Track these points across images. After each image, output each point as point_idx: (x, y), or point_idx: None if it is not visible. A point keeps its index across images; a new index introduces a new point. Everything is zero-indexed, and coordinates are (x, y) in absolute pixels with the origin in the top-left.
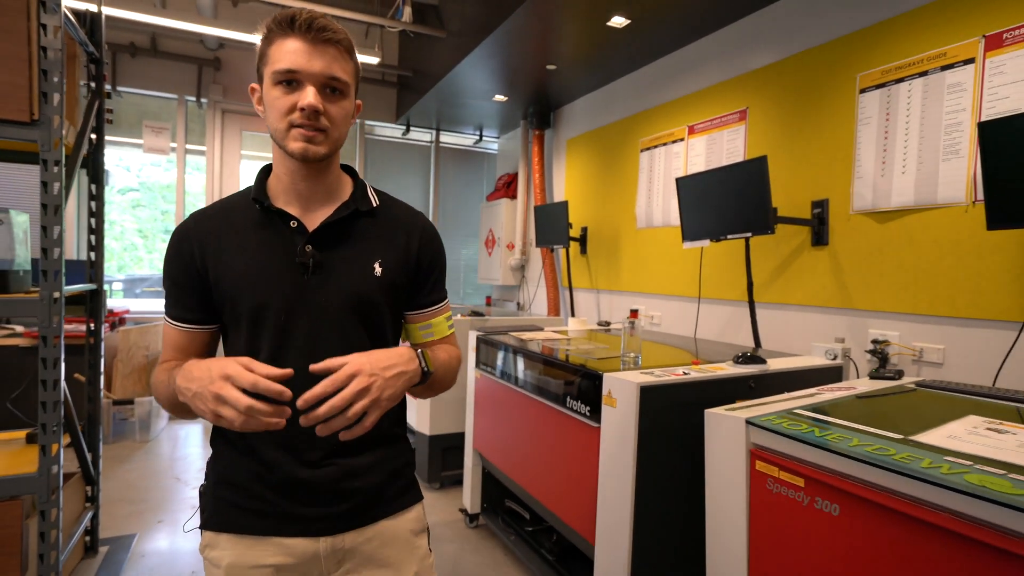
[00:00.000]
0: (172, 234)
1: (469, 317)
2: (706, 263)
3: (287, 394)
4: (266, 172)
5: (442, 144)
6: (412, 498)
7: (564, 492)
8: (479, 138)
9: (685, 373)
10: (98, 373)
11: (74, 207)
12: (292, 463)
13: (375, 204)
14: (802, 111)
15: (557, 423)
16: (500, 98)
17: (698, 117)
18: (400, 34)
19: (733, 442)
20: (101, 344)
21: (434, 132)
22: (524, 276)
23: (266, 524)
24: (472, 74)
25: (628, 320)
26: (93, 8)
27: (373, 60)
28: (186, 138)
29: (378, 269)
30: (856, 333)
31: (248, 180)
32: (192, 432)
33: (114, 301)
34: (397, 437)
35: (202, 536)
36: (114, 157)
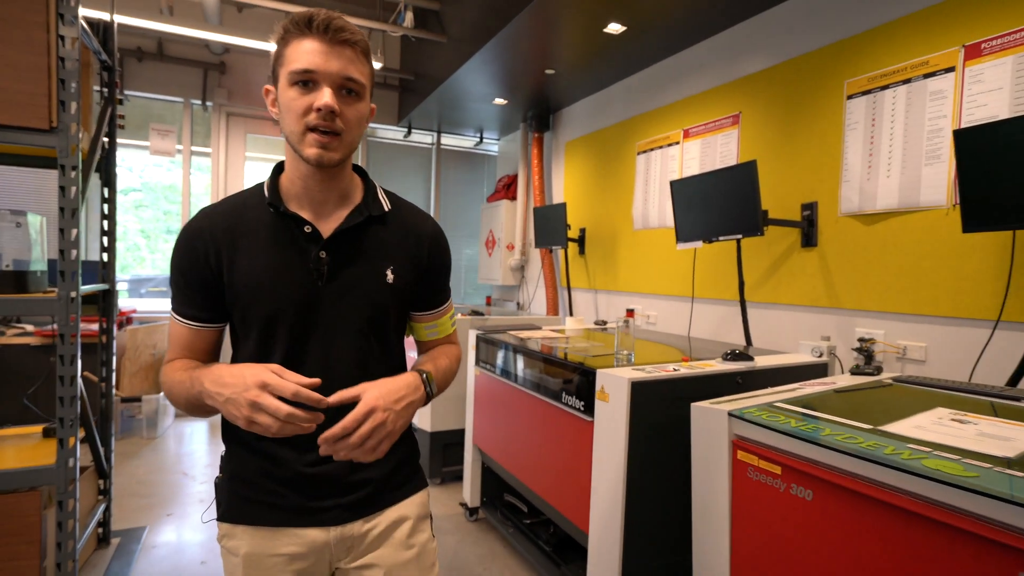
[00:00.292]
0: (182, 231)
1: (469, 316)
2: (700, 264)
3: (324, 401)
4: (278, 171)
5: (443, 146)
6: (416, 485)
7: (560, 484)
8: (479, 140)
9: (675, 370)
10: (110, 370)
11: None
12: (301, 459)
13: (386, 208)
14: (793, 116)
15: (553, 418)
16: (500, 101)
17: (693, 121)
18: (402, 39)
19: (717, 433)
20: (113, 342)
21: (435, 134)
22: (524, 276)
23: (279, 516)
24: (472, 78)
25: (622, 319)
26: (106, 17)
27: (376, 64)
28: (191, 140)
29: (390, 276)
30: (844, 332)
31: (252, 182)
32: (198, 429)
33: (120, 301)
34: None
35: (219, 527)
36: (117, 158)
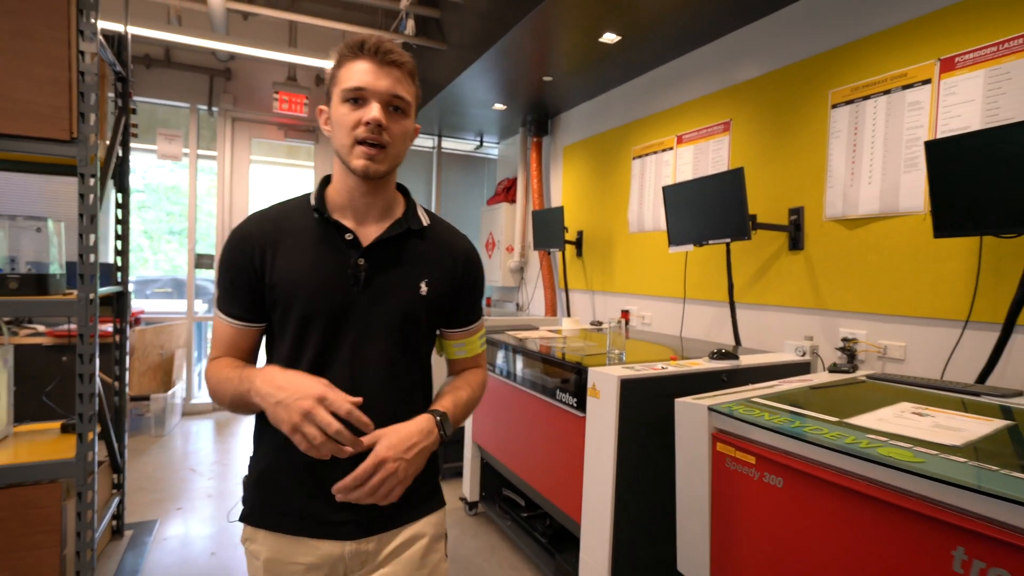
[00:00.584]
0: (232, 233)
1: None
2: (692, 266)
3: (371, 426)
4: (325, 183)
5: (444, 150)
6: (434, 505)
7: (555, 477)
8: (479, 144)
9: (663, 368)
10: (123, 369)
11: None
12: (324, 475)
13: (425, 224)
14: (781, 123)
15: (549, 415)
16: (499, 107)
17: (686, 127)
18: (403, 46)
19: (698, 426)
20: (127, 342)
21: (436, 138)
22: (523, 278)
23: (298, 526)
24: (473, 84)
25: (615, 320)
26: (120, 29)
27: None
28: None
29: (424, 288)
30: (828, 332)
31: (257, 185)
32: (203, 428)
33: None
34: None
35: (243, 529)
36: None
